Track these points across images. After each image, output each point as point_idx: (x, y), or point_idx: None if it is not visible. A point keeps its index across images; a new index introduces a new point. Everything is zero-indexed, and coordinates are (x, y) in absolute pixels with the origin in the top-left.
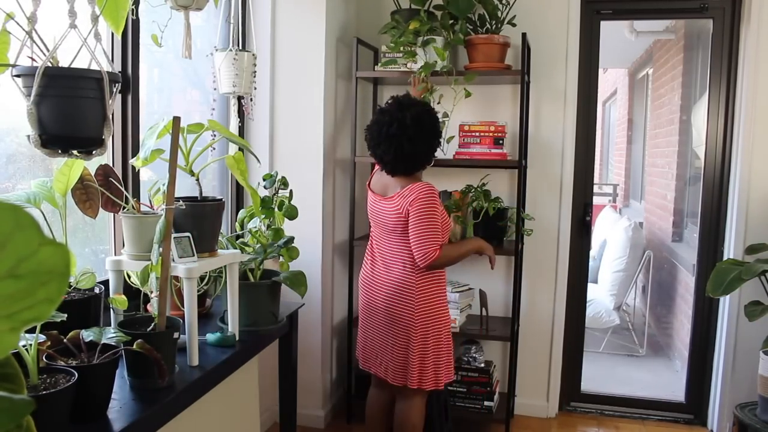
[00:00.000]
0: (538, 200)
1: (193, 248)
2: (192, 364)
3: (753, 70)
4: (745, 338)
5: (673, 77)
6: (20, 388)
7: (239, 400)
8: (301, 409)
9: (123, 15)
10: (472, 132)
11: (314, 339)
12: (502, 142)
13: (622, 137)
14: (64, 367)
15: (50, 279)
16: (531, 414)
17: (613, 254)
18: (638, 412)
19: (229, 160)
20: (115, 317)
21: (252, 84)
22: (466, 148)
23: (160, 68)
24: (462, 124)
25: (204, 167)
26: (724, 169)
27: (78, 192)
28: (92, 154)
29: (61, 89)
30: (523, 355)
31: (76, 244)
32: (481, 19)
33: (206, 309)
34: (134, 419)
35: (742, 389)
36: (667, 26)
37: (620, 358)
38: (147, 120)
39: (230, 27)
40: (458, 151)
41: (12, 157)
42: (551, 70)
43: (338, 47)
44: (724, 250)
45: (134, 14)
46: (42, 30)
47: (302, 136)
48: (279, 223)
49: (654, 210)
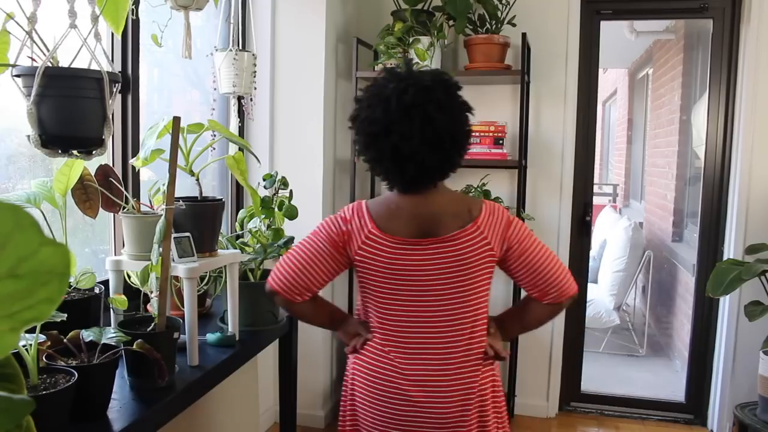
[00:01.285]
0: (538, 200)
1: (193, 248)
2: (192, 364)
3: (753, 70)
4: (745, 338)
5: (673, 77)
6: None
7: (239, 400)
8: (301, 409)
9: (123, 15)
10: (473, 132)
11: (314, 339)
12: (502, 142)
13: (622, 137)
14: (64, 367)
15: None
16: (531, 414)
17: (613, 254)
18: (638, 412)
19: (229, 160)
20: (115, 317)
21: (252, 84)
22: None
23: (160, 68)
24: None
25: (204, 167)
26: (724, 169)
27: (78, 192)
28: (92, 154)
29: (61, 89)
30: (523, 355)
31: (76, 244)
32: (481, 19)
33: (206, 309)
34: (134, 419)
35: (742, 389)
36: (667, 26)
37: (620, 358)
38: (147, 120)
39: (230, 27)
40: None
41: (12, 157)
42: (551, 70)
43: (338, 47)
44: (724, 250)
45: (134, 14)
46: (42, 30)
47: (302, 136)
48: (279, 223)
49: (654, 210)
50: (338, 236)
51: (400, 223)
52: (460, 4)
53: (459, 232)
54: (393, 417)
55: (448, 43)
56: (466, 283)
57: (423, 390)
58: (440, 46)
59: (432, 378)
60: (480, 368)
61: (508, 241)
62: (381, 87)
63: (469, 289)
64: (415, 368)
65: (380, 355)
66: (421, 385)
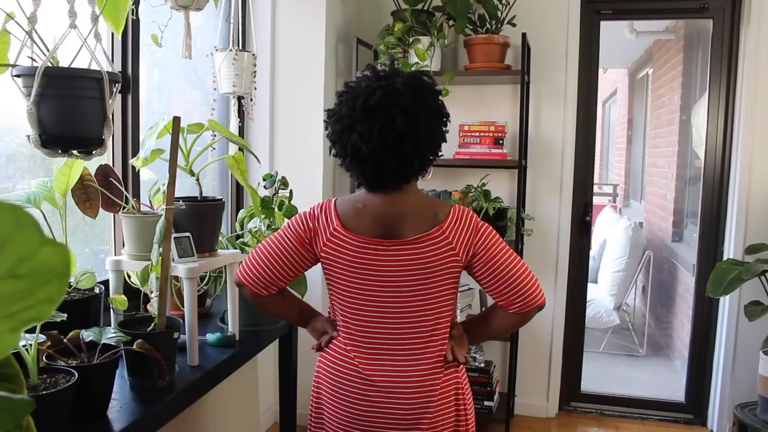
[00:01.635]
0: (538, 200)
1: (193, 248)
2: (192, 364)
3: (753, 70)
4: (745, 338)
5: (673, 77)
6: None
7: (239, 400)
8: (301, 409)
9: (123, 15)
10: (472, 132)
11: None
12: (502, 142)
13: (622, 137)
14: (64, 367)
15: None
16: (531, 414)
17: (613, 254)
18: (638, 412)
19: (229, 160)
20: (115, 317)
21: (252, 84)
22: (466, 148)
23: (160, 68)
24: (462, 124)
25: (204, 167)
26: (724, 169)
27: (78, 192)
28: (92, 154)
29: (61, 89)
30: (523, 355)
31: (76, 244)
32: (481, 19)
33: (206, 309)
34: (134, 419)
35: (742, 389)
36: (667, 26)
37: (620, 358)
38: (147, 120)
39: (230, 27)
40: (458, 151)
41: (12, 157)
42: (551, 70)
43: (338, 47)
44: (724, 250)
45: (134, 14)
46: (42, 30)
47: (302, 136)
48: (279, 223)
49: (654, 210)
50: (305, 233)
51: (365, 223)
52: (460, 4)
53: (423, 235)
54: (354, 416)
55: (448, 43)
56: (428, 287)
57: (382, 392)
58: (440, 46)
59: (391, 380)
60: (441, 372)
61: (474, 247)
62: (356, 85)
63: (431, 293)
64: (374, 370)
65: (343, 355)
66: (381, 386)
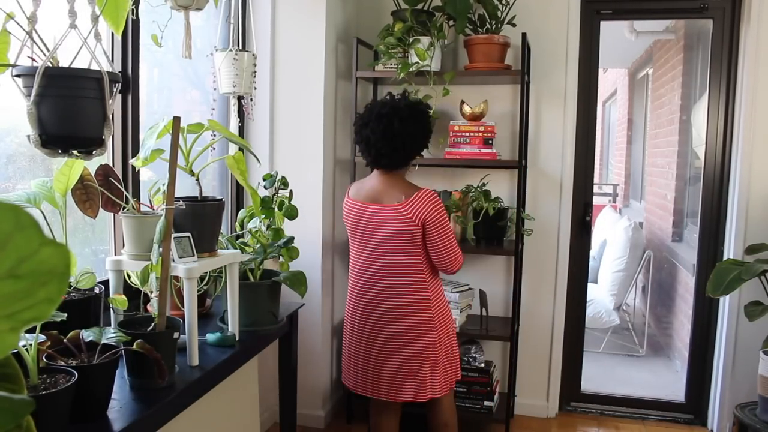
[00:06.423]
0: (538, 200)
1: (193, 248)
2: (192, 364)
3: (753, 70)
4: (745, 338)
5: (673, 77)
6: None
7: (239, 400)
8: (301, 409)
9: (123, 15)
10: (462, 132)
11: (314, 339)
12: (491, 142)
13: (622, 137)
14: (64, 367)
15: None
16: (531, 414)
17: (613, 254)
18: (638, 412)
19: (229, 160)
20: (115, 317)
21: (252, 84)
22: (456, 148)
23: (160, 68)
24: (452, 124)
25: (204, 167)
26: (724, 169)
27: (78, 192)
28: (92, 154)
29: (61, 89)
30: (523, 355)
31: (76, 244)
32: (481, 19)
33: (206, 309)
34: (134, 419)
35: (742, 389)
36: (667, 26)
37: (620, 358)
38: (147, 120)
39: (230, 27)
40: (448, 151)
41: (12, 157)
42: (551, 70)
43: (338, 47)
44: (724, 250)
45: (134, 14)
46: (42, 30)
47: (302, 136)
48: (279, 223)
49: (654, 210)
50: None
51: (363, 194)
52: (460, 4)
53: (394, 205)
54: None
55: (448, 43)
56: (398, 238)
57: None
58: (440, 46)
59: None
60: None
61: (424, 220)
62: (374, 104)
63: (400, 242)
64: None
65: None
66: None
